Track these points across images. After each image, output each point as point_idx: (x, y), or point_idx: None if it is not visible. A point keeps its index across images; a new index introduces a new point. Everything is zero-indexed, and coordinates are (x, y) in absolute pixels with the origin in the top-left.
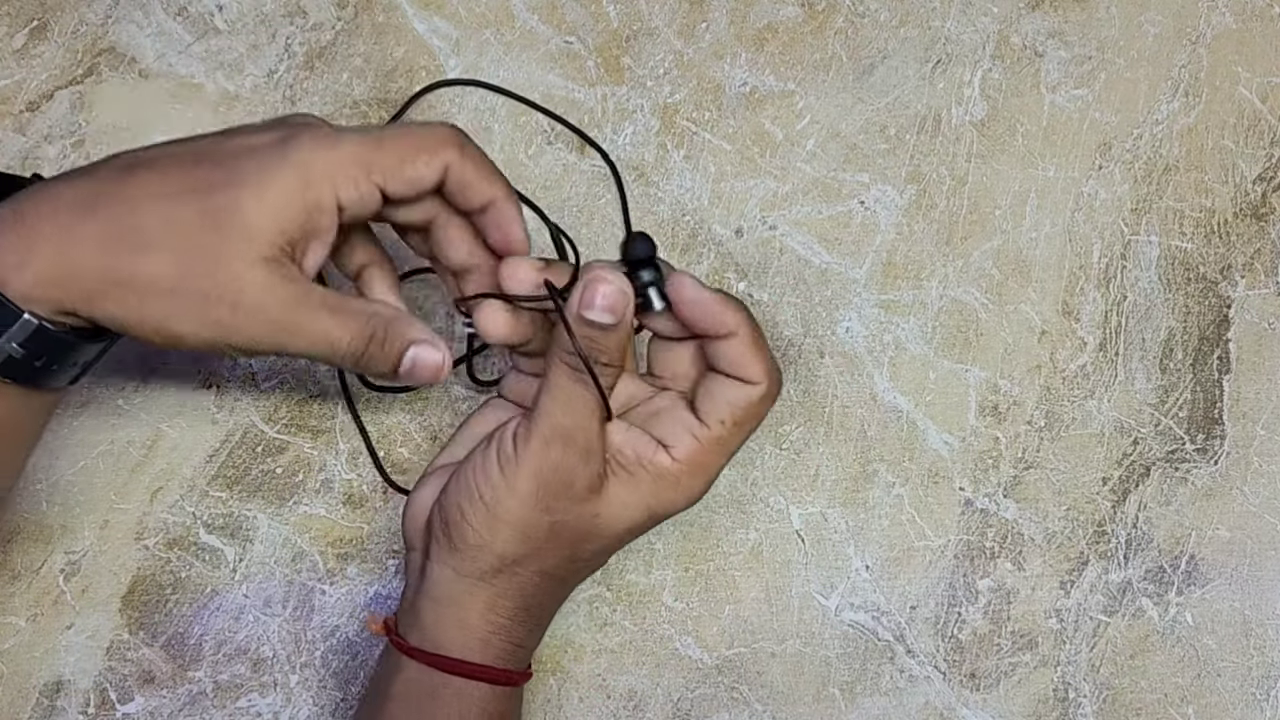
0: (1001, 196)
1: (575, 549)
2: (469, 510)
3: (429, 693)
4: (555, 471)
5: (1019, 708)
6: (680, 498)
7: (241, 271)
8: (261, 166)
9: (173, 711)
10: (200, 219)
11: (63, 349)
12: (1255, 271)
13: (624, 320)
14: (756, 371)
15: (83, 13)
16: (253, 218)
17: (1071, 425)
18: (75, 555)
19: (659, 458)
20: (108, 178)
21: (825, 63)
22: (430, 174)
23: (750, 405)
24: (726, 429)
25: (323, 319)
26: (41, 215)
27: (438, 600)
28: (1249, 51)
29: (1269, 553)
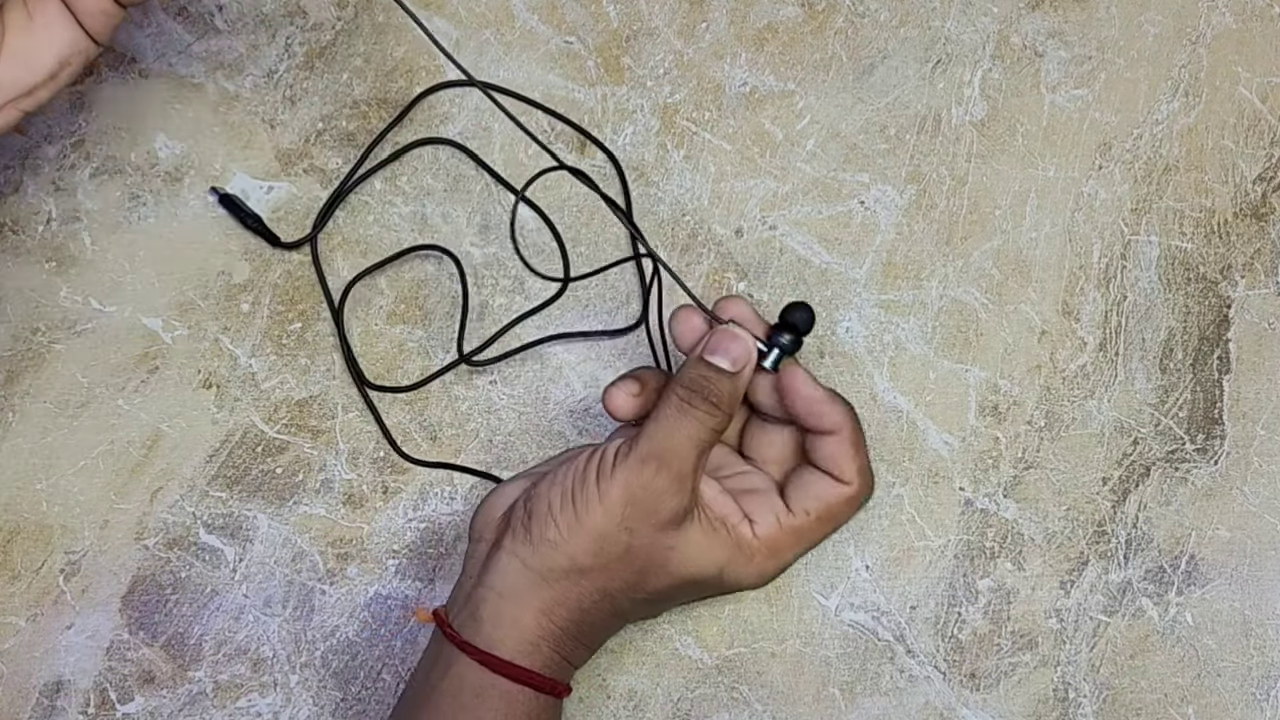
0: (1001, 196)
1: (642, 578)
2: (557, 507)
3: (476, 692)
4: (644, 490)
5: (1019, 708)
6: (749, 574)
7: None
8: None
9: (173, 711)
10: None
11: None
12: (1255, 271)
13: (742, 373)
14: (850, 471)
15: None
16: None
17: (1071, 425)
18: (75, 555)
19: (742, 528)
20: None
21: (825, 63)
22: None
23: (838, 503)
24: (810, 520)
25: None
26: None
27: (499, 592)
28: (1249, 51)
29: (1269, 553)
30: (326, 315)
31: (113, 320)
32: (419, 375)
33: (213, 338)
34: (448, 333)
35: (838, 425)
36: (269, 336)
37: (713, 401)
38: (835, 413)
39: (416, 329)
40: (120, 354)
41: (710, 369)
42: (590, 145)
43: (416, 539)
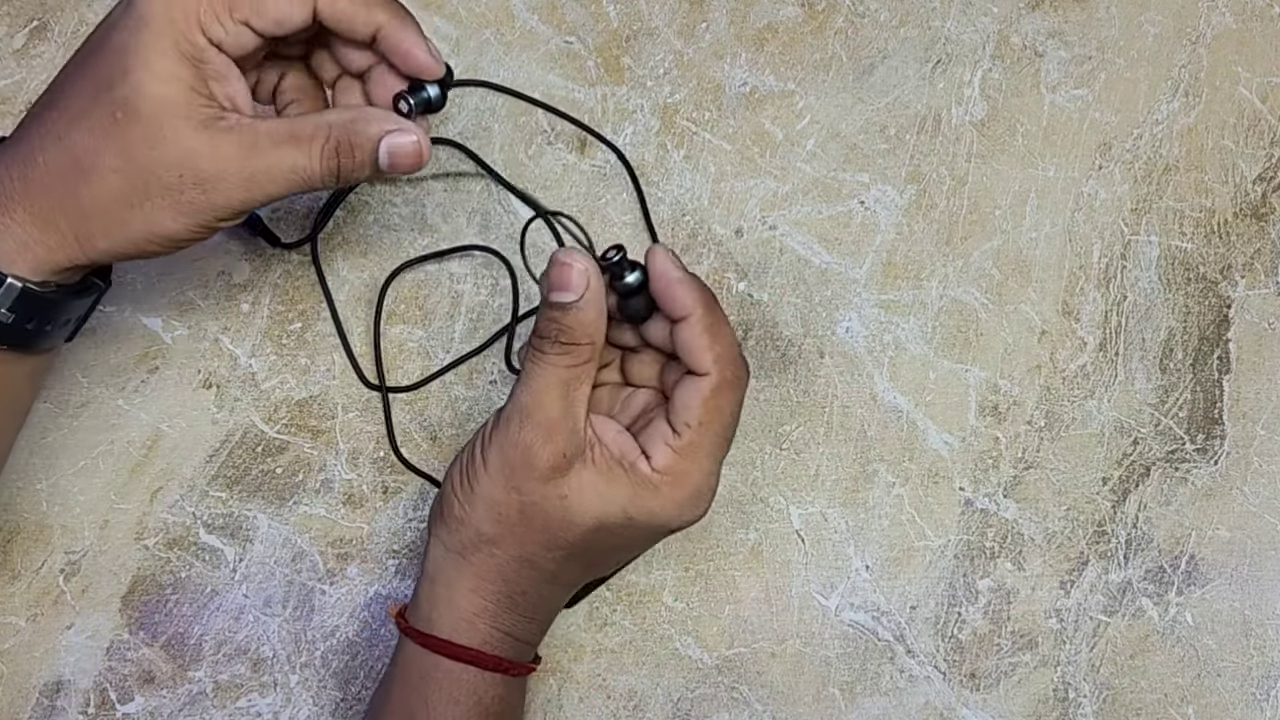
0: (1001, 196)
1: (549, 534)
2: (457, 484)
3: (422, 673)
4: (515, 448)
5: (1019, 708)
6: (662, 508)
7: (184, 146)
8: (128, 40)
9: (173, 711)
10: (117, 120)
11: (51, 308)
12: (1255, 271)
13: (587, 297)
14: (704, 360)
15: (83, 13)
16: (153, 91)
17: (1071, 425)
18: (75, 555)
19: (639, 464)
20: (35, 121)
21: (825, 63)
22: (296, 12)
23: (705, 400)
24: (694, 432)
25: (283, 153)
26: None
27: (431, 578)
28: (1249, 51)
29: (1269, 553)
30: (326, 315)
31: (113, 320)
32: (419, 375)
33: (213, 338)
34: (448, 333)
35: (688, 308)
36: (269, 336)
37: (564, 341)
38: (687, 295)
39: (416, 329)
40: (120, 354)
41: (554, 308)
42: (590, 144)
43: (416, 539)
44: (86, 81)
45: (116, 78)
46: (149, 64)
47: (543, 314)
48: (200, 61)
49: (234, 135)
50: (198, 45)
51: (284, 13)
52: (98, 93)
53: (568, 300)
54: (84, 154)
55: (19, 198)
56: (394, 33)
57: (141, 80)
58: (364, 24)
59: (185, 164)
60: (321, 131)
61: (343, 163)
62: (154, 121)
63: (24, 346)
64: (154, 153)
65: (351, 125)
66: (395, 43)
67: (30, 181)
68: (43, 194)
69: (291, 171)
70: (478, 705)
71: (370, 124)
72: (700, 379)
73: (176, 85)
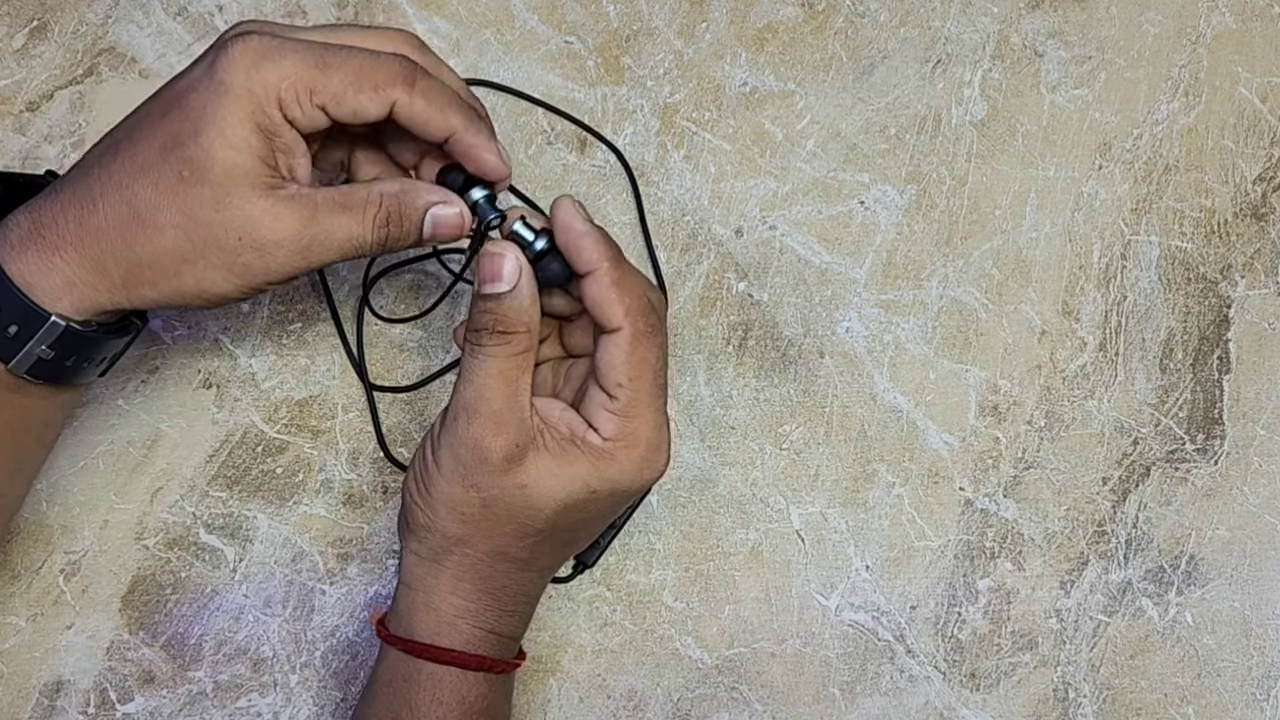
0: (1001, 196)
1: (517, 524)
2: (414, 492)
3: (405, 678)
4: (464, 445)
5: (1019, 708)
6: (622, 473)
7: (247, 212)
8: (206, 103)
9: (173, 711)
10: (183, 179)
11: (90, 346)
12: (1255, 271)
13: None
14: (616, 315)
15: (83, 13)
16: (224, 156)
17: (1071, 425)
18: (75, 555)
19: (590, 437)
20: (97, 166)
21: (825, 63)
22: (375, 109)
23: (627, 355)
24: (628, 390)
25: (338, 221)
26: (56, 218)
27: (409, 585)
28: (1249, 51)
29: (1269, 553)
30: (326, 315)
31: None
32: (419, 375)
33: (213, 338)
34: (448, 333)
35: (594, 262)
36: (269, 336)
37: (499, 331)
38: (593, 248)
39: (416, 329)
40: None
41: (486, 299)
42: (590, 144)
43: None
44: (157, 136)
45: (188, 137)
46: (223, 130)
47: (477, 306)
48: (273, 135)
49: (294, 204)
50: (273, 120)
51: (362, 107)
52: (167, 149)
53: (501, 290)
54: (145, 207)
55: (72, 239)
56: (467, 137)
57: (213, 144)
58: (438, 128)
59: (246, 228)
60: (374, 201)
61: (392, 231)
62: (220, 186)
63: (60, 381)
64: (217, 215)
65: (402, 195)
66: (466, 147)
67: (86, 225)
68: (97, 239)
69: (346, 240)
70: (461, 704)
71: (419, 195)
72: (615, 335)
73: (247, 154)
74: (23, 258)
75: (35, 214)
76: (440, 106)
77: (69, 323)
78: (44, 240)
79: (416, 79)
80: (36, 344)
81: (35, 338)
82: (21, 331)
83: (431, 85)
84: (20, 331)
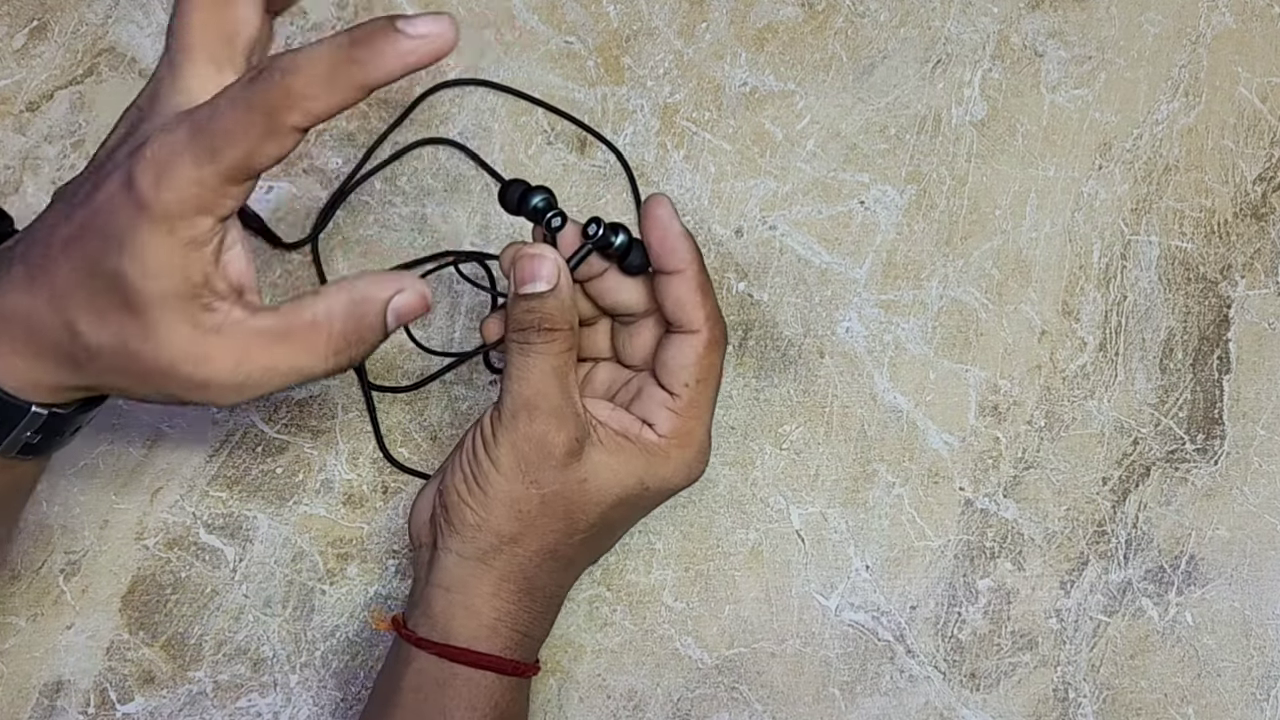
0: (1001, 196)
1: (570, 521)
2: (464, 491)
3: (439, 683)
4: (528, 441)
5: (1019, 708)
6: (674, 471)
7: (173, 347)
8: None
9: (173, 711)
10: (112, 305)
11: (73, 421)
12: (1255, 271)
13: (560, 286)
14: (697, 318)
15: (83, 13)
16: (145, 286)
17: (1071, 425)
18: (75, 555)
19: (645, 434)
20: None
21: (825, 63)
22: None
23: (700, 358)
24: (693, 390)
25: (278, 355)
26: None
27: (447, 588)
28: (1249, 51)
29: (1269, 553)
30: None
31: None
32: (419, 375)
33: None
34: (447, 333)
35: (685, 262)
36: None
37: (545, 328)
38: (686, 249)
39: (416, 329)
40: None
41: (529, 299)
42: (590, 144)
43: None
44: (75, 259)
45: (110, 264)
46: (143, 258)
47: (517, 307)
48: (202, 245)
49: (224, 342)
50: (199, 232)
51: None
52: (91, 275)
53: (542, 289)
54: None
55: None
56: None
57: (132, 274)
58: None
59: (174, 364)
60: (323, 327)
61: (351, 354)
62: (146, 314)
63: (44, 452)
64: (145, 346)
65: (355, 310)
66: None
67: (37, 336)
68: (53, 350)
69: (290, 373)
70: (496, 709)
71: (374, 301)
72: (693, 336)
73: (171, 280)
74: None
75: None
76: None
77: (50, 409)
78: (14, 340)
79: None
80: (20, 432)
81: (19, 427)
82: (3, 423)
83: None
84: (2, 424)
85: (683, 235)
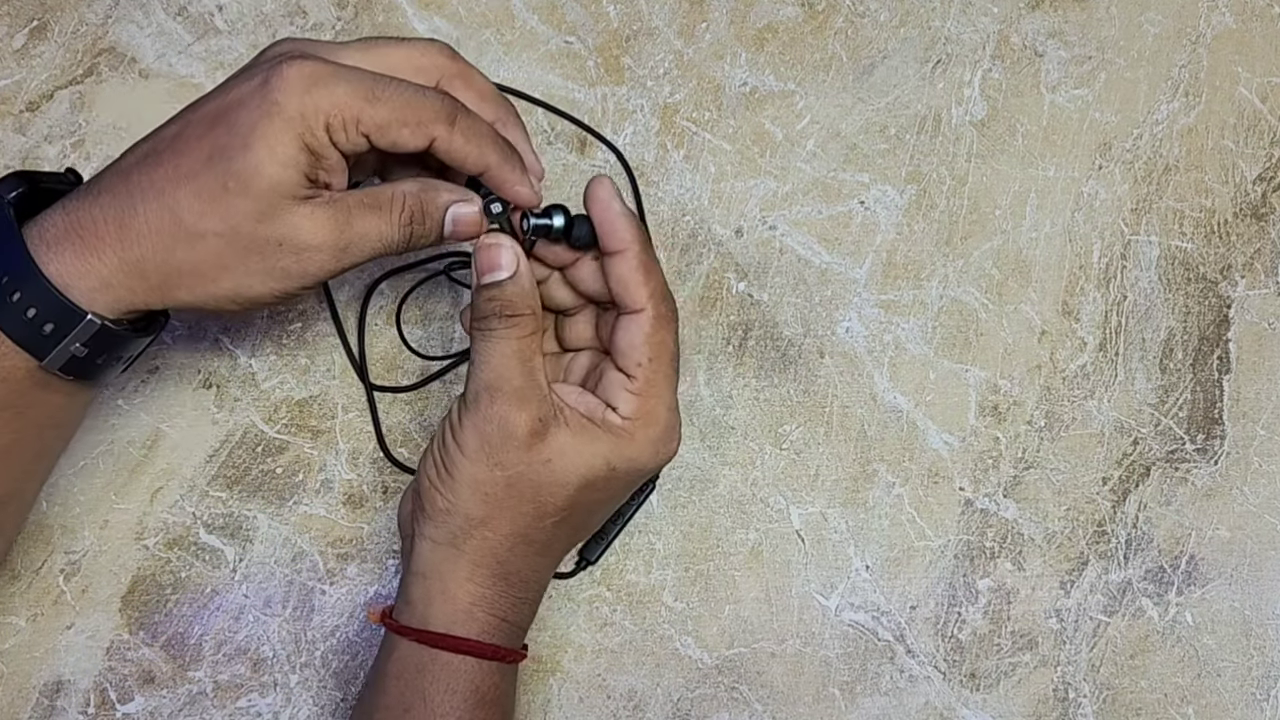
0: (1001, 196)
1: (539, 504)
2: (434, 477)
3: (418, 668)
4: (489, 422)
5: (1019, 708)
6: (640, 451)
7: (288, 220)
8: (256, 121)
9: (173, 711)
10: (228, 190)
11: (121, 344)
12: (1255, 271)
13: (519, 272)
14: (640, 296)
15: (83, 13)
16: (270, 172)
17: (1071, 425)
18: (75, 555)
19: (609, 416)
20: (138, 170)
21: (825, 63)
22: (415, 143)
23: (648, 336)
24: (647, 370)
25: (368, 222)
26: (95, 220)
27: (423, 575)
28: (1249, 51)
29: (1269, 553)
30: (326, 315)
31: None
32: (419, 375)
33: (213, 338)
34: (447, 333)
35: (626, 242)
36: (269, 336)
37: (507, 315)
38: (626, 229)
39: (416, 329)
40: None
41: (489, 288)
42: (590, 144)
43: None
44: (202, 146)
45: (236, 151)
46: (273, 149)
47: (479, 296)
48: (317, 155)
49: (330, 210)
50: (320, 143)
51: (404, 140)
52: (212, 161)
53: (503, 277)
54: (188, 214)
55: (112, 242)
56: (501, 174)
57: (261, 161)
58: (474, 163)
59: (287, 236)
60: (399, 200)
61: (415, 229)
62: (264, 198)
63: (88, 378)
64: (259, 226)
65: (423, 195)
66: (499, 182)
67: (126, 228)
68: (137, 242)
69: (378, 239)
70: (475, 694)
71: (439, 194)
72: (638, 316)
73: (292, 170)
74: (60, 257)
75: (71, 214)
76: (477, 144)
77: (104, 321)
78: (82, 241)
79: (457, 118)
80: (70, 341)
81: (70, 335)
82: (57, 329)
83: (470, 124)
84: (56, 329)
85: (623, 214)
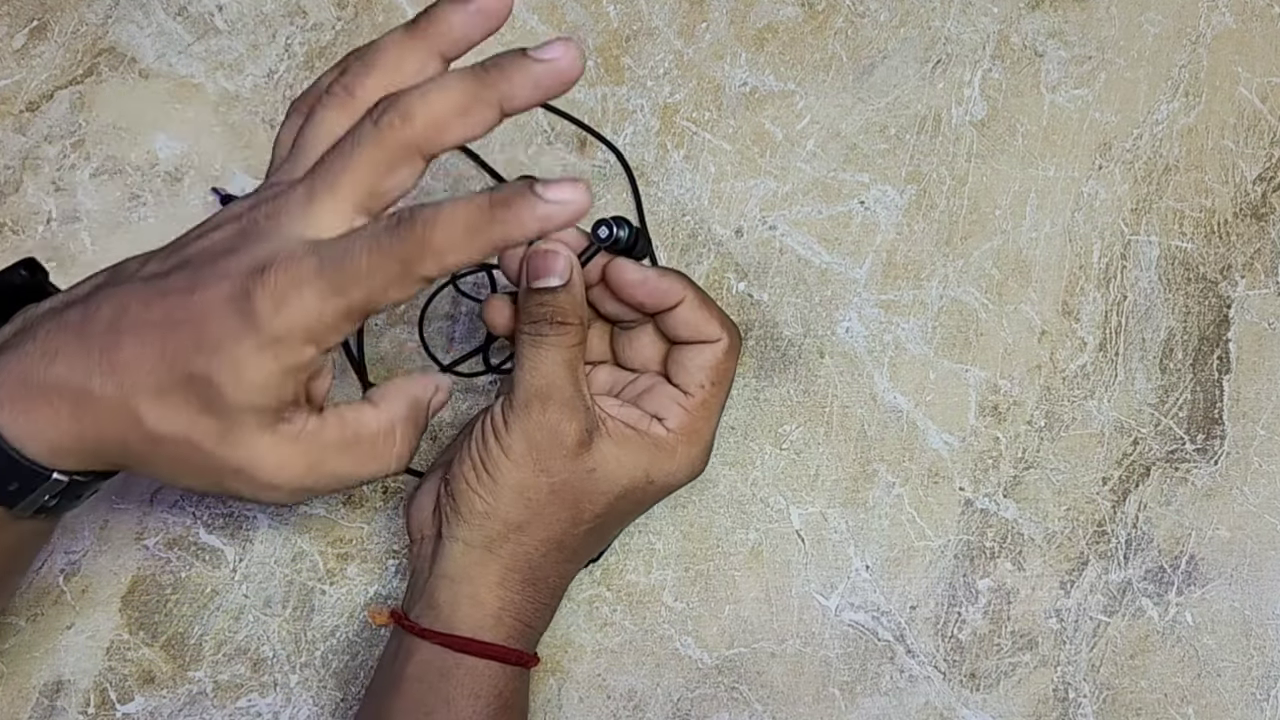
0: (1001, 196)
1: (577, 510)
2: (473, 479)
3: (442, 672)
4: (540, 429)
5: (1019, 708)
6: (679, 466)
7: (250, 450)
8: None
9: (173, 711)
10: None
11: (91, 486)
12: (1255, 271)
13: (572, 281)
14: (714, 329)
15: (83, 13)
16: (238, 398)
17: (1071, 425)
18: (75, 555)
19: (654, 428)
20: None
21: (825, 63)
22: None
23: (719, 362)
24: (707, 391)
25: (343, 465)
26: (48, 389)
27: (452, 578)
28: (1249, 51)
29: (1269, 553)
30: None
31: None
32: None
33: None
34: (447, 333)
35: (679, 294)
36: None
37: (558, 321)
38: (672, 285)
39: (416, 329)
40: None
41: (541, 293)
42: (590, 144)
43: None
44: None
45: (201, 367)
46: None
47: (530, 300)
48: (300, 371)
49: (301, 448)
50: (303, 360)
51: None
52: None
53: (556, 284)
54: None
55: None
56: None
57: (229, 385)
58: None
59: (246, 466)
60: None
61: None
62: (228, 420)
63: (61, 513)
64: (218, 449)
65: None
66: None
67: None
68: (93, 426)
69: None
70: (498, 699)
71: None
72: (714, 344)
73: (264, 397)
74: (15, 420)
75: (25, 366)
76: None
77: (71, 477)
78: (34, 408)
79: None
80: (39, 495)
81: (38, 491)
82: (23, 488)
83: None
84: (21, 488)
85: (661, 276)
